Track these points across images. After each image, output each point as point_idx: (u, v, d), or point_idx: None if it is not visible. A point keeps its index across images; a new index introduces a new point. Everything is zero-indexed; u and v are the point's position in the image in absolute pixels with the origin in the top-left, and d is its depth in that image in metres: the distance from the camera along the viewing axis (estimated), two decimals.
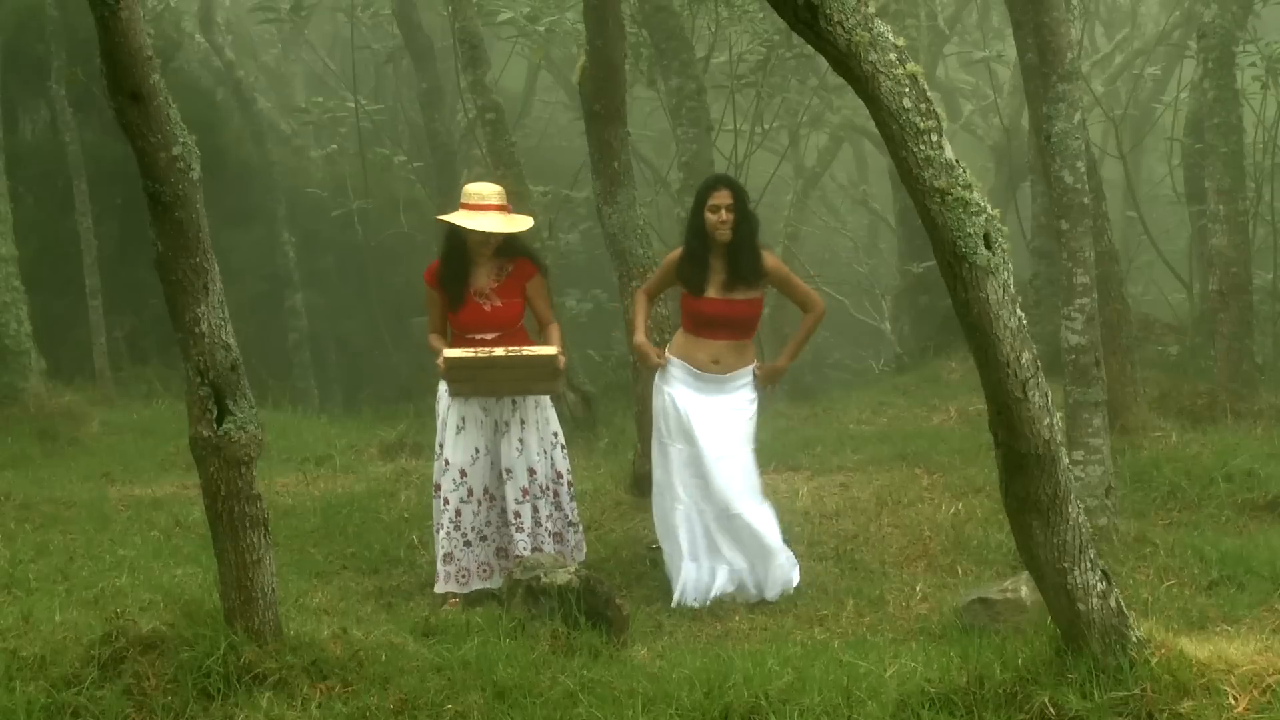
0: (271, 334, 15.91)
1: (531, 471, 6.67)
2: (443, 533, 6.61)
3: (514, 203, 10.58)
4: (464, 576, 6.62)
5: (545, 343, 6.65)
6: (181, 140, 4.48)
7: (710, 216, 6.59)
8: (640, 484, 7.90)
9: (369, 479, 8.93)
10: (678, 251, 6.81)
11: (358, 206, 15.24)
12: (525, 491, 6.64)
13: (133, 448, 10.05)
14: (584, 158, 10.19)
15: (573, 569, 5.85)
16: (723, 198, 6.59)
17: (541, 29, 13.38)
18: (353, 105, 16.13)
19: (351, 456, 9.86)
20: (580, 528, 6.90)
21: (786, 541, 6.77)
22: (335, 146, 17.54)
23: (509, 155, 10.77)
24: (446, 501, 6.63)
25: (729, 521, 6.58)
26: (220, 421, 4.60)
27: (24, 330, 10.50)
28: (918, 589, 6.55)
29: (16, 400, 10.35)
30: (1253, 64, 11.34)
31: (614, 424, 10.08)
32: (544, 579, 5.74)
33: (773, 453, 6.80)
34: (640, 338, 6.85)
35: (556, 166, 17.87)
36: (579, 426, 9.90)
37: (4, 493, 8.05)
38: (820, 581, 6.78)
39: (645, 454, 7.69)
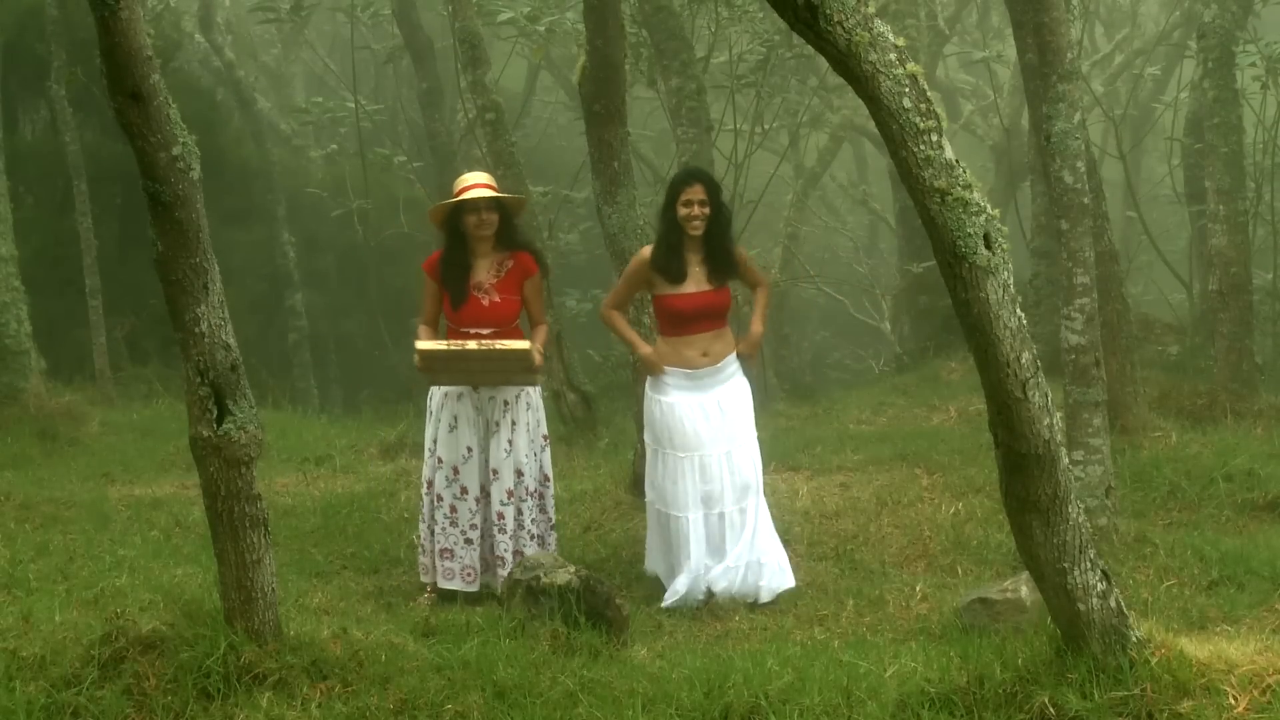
0: (271, 334, 15.93)
1: (519, 474, 6.64)
2: (438, 529, 6.60)
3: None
4: (469, 575, 6.59)
5: (534, 341, 6.61)
6: (181, 140, 4.48)
7: (683, 210, 6.58)
8: (640, 484, 7.90)
9: (369, 479, 8.92)
10: (646, 251, 6.77)
11: (358, 206, 15.24)
12: (510, 493, 6.62)
13: (133, 448, 10.04)
14: (584, 158, 10.19)
15: (573, 569, 5.84)
16: (696, 193, 6.57)
17: (541, 29, 13.38)
18: (353, 105, 16.13)
19: (351, 456, 9.86)
20: (555, 527, 6.88)
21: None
22: (335, 146, 17.56)
23: (509, 155, 10.77)
24: (440, 499, 6.62)
25: (745, 513, 6.55)
26: (220, 421, 4.60)
27: (24, 330, 10.49)
28: (918, 589, 6.54)
29: (16, 400, 10.34)
30: (1253, 64, 11.34)
31: (614, 424, 10.08)
32: (544, 579, 5.73)
33: (773, 453, 6.78)
34: (646, 348, 6.82)
35: (556, 166, 17.91)
36: (579, 426, 9.89)
37: (4, 493, 8.04)
38: (820, 581, 6.78)
39: (645, 454, 7.69)
